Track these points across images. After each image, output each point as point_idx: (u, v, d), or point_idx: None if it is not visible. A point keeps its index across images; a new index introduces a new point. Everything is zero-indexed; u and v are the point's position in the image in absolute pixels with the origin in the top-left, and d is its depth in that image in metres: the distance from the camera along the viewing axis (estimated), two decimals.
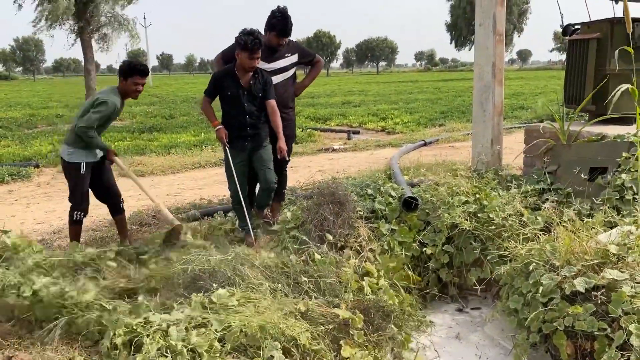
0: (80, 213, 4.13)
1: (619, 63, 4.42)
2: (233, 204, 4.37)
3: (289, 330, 2.66)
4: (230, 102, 4.21)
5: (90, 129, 3.92)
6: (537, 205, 3.98)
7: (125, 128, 13.47)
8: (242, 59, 4.03)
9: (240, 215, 4.31)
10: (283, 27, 4.39)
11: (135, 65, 4.06)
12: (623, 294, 2.65)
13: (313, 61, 4.85)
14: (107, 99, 3.96)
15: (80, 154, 4.04)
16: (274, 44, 4.48)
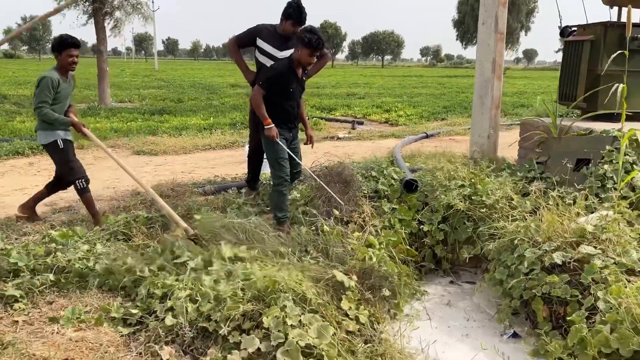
0: (82, 180, 4.39)
1: (610, 64, 4.78)
2: (280, 187, 4.17)
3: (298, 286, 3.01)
4: (288, 96, 4.18)
5: (41, 107, 4.14)
6: (526, 191, 4.36)
7: (136, 109, 13.80)
8: (302, 55, 4.05)
9: (282, 204, 4.19)
10: (298, 16, 4.75)
11: (65, 39, 4.26)
12: (594, 266, 3.04)
13: (321, 53, 5.21)
14: (45, 75, 4.20)
15: (52, 134, 4.28)
16: (288, 32, 4.83)
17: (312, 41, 3.99)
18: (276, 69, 4.19)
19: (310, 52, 4.04)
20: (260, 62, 4.90)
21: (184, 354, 2.72)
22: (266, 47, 4.82)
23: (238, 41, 4.96)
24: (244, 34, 4.95)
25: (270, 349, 2.61)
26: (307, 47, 4.01)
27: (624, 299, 2.62)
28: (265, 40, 4.82)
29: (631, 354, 2.36)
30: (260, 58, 4.88)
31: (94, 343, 2.76)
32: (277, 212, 4.17)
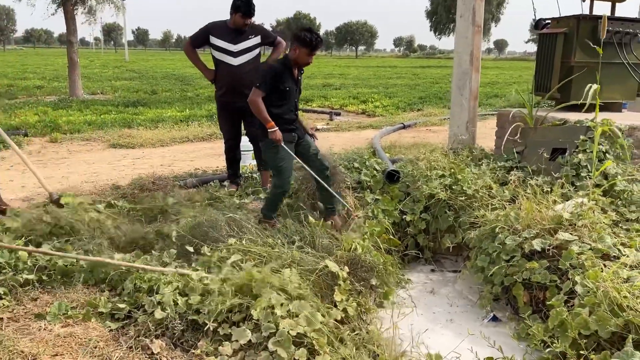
0: None
1: (582, 56, 4.93)
2: (279, 194, 4.09)
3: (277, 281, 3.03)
4: (285, 96, 4.02)
5: None
6: (505, 180, 4.47)
7: (109, 102, 13.58)
8: (300, 55, 3.93)
9: (275, 206, 4.13)
10: (247, 8, 4.83)
11: None
12: (572, 252, 3.16)
13: (275, 42, 5.26)
14: None
15: None
16: (239, 25, 4.91)
17: (312, 40, 3.89)
18: (271, 67, 4.05)
19: (309, 51, 3.93)
20: (217, 59, 5.01)
21: (174, 347, 2.73)
22: (220, 43, 4.93)
23: (193, 42, 5.07)
24: (197, 34, 5.06)
25: (261, 340, 2.64)
26: (306, 46, 3.90)
27: (601, 283, 2.72)
28: (218, 37, 4.93)
29: (609, 335, 2.47)
30: (217, 55, 4.98)
31: (82, 338, 2.74)
32: (266, 210, 4.11)
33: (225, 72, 5.00)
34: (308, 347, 2.65)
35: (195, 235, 3.49)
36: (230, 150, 5.27)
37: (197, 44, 5.06)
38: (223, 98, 5.08)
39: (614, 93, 5.26)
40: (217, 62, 5.01)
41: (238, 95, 4.97)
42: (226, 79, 5.01)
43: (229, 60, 4.97)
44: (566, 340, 2.56)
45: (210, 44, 4.97)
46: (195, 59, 5.08)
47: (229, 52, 4.95)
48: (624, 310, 2.51)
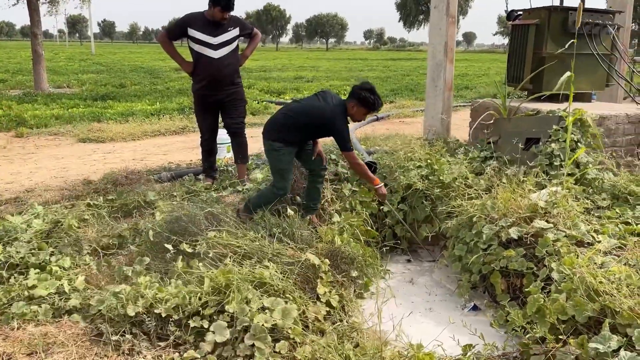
0: None
1: (553, 47, 5.01)
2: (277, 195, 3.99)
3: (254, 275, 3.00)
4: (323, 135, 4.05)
5: None
6: (481, 170, 4.53)
7: (77, 95, 13.23)
8: (357, 113, 3.91)
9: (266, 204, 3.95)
10: (227, 2, 4.72)
11: None
12: (547, 239, 3.22)
13: (251, 34, 5.20)
14: None
15: None
16: (218, 18, 4.82)
17: (374, 103, 3.86)
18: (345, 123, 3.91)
19: (367, 112, 3.93)
20: (196, 52, 4.87)
21: (149, 341, 2.69)
22: (200, 35, 4.81)
23: (169, 34, 4.92)
24: (175, 26, 4.93)
25: (237, 335, 2.62)
26: (367, 107, 3.87)
27: (577, 269, 2.78)
28: (197, 29, 4.80)
29: (586, 320, 2.53)
30: (196, 47, 4.85)
31: (57, 337, 2.68)
32: (254, 205, 4.00)
33: (205, 65, 4.86)
34: (289, 339, 2.64)
35: (173, 230, 3.43)
36: (207, 144, 5.19)
37: (174, 36, 4.90)
38: (202, 91, 4.95)
39: (584, 83, 5.37)
40: (197, 55, 4.86)
41: (218, 89, 4.91)
42: (207, 72, 4.87)
43: (209, 53, 4.83)
44: (545, 326, 2.61)
45: (189, 37, 4.82)
46: (173, 51, 4.91)
47: (209, 45, 4.83)
48: (600, 295, 2.57)
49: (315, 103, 3.91)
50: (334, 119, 3.81)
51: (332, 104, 3.87)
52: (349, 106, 3.88)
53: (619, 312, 2.45)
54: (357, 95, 3.86)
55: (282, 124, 3.93)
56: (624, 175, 4.24)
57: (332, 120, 3.81)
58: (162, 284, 2.96)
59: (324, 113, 3.83)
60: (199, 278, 2.98)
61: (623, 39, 5.88)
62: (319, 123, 3.85)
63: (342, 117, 3.87)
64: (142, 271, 3.15)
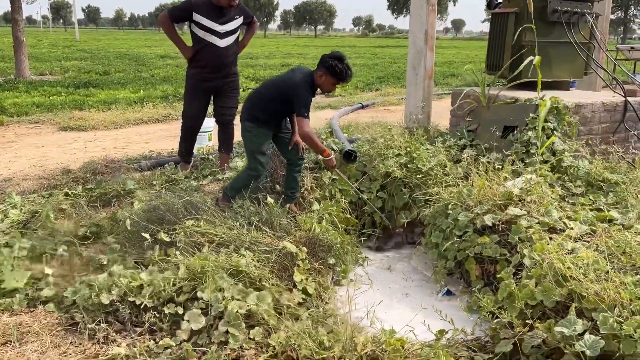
0: None
1: (532, 36, 5.03)
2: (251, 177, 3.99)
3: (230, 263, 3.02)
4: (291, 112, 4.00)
5: None
6: (459, 158, 4.56)
7: (59, 83, 13.05)
8: (325, 83, 3.83)
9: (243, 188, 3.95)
10: None
11: None
12: (520, 226, 3.27)
13: (251, 22, 5.13)
14: None
15: None
16: (224, 4, 4.70)
17: (342, 73, 3.78)
18: (308, 92, 3.83)
19: (336, 82, 3.84)
20: (200, 37, 4.73)
21: (124, 329, 2.70)
22: (206, 22, 4.67)
23: (172, 17, 4.73)
24: (179, 9, 4.74)
25: (211, 321, 2.65)
26: (335, 77, 3.80)
27: (547, 255, 2.84)
28: (203, 14, 4.65)
29: (554, 304, 2.58)
30: (201, 34, 4.72)
31: (31, 326, 2.69)
32: (230, 191, 4.01)
33: (210, 53, 4.76)
34: (263, 325, 2.67)
35: (151, 220, 3.43)
36: (191, 131, 5.10)
37: (177, 19, 4.74)
38: (199, 76, 4.84)
39: (562, 72, 5.41)
40: (201, 41, 4.73)
41: (218, 77, 4.87)
42: (211, 61, 4.79)
43: (214, 41, 4.73)
44: (513, 311, 2.66)
45: (193, 21, 4.68)
46: (174, 34, 4.75)
47: (215, 33, 4.72)
48: (568, 281, 2.62)
49: (283, 76, 3.93)
50: (296, 87, 3.78)
51: (300, 75, 3.85)
52: (317, 76, 3.83)
53: (585, 296, 2.51)
54: (325, 64, 3.79)
55: (253, 102, 3.94)
56: (599, 162, 4.30)
57: (295, 88, 3.78)
58: (136, 272, 2.97)
59: (288, 83, 3.82)
60: (176, 266, 3.00)
61: (602, 27, 5.92)
62: (284, 94, 3.82)
63: (307, 85, 3.81)
64: (116, 259, 3.15)
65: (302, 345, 2.45)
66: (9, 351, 2.45)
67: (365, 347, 2.42)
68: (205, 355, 2.48)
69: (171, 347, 2.54)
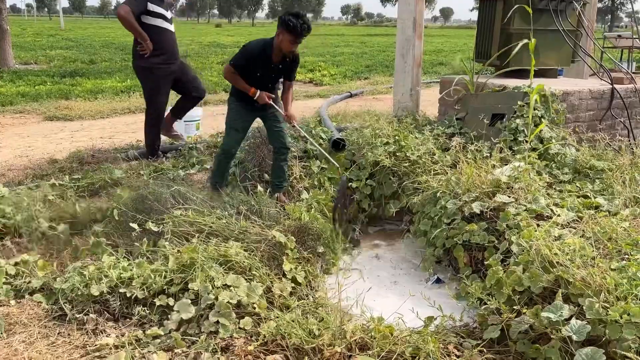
0: None
1: (520, 23, 5.04)
2: (222, 157, 4.08)
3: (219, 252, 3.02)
4: (256, 81, 3.93)
5: None
6: (447, 146, 4.58)
7: (44, 72, 12.86)
8: (283, 41, 3.75)
9: (222, 170, 4.10)
10: None
11: None
12: (508, 213, 3.29)
13: None
14: None
15: None
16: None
17: (297, 27, 3.68)
18: (248, 50, 3.87)
19: (294, 38, 3.74)
20: (157, 26, 4.93)
21: (114, 320, 2.69)
22: (159, 9, 4.91)
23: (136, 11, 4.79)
24: (137, 4, 4.85)
25: (202, 312, 2.64)
26: (290, 32, 3.70)
27: (534, 242, 2.86)
28: (156, 3, 4.89)
29: (541, 290, 2.60)
30: (156, 22, 4.93)
31: (18, 316, 2.67)
32: (212, 176, 4.08)
33: (166, 38, 4.99)
34: (254, 315, 2.67)
35: (138, 209, 3.41)
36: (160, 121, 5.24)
37: (139, 12, 4.82)
38: (163, 64, 5.00)
39: (549, 59, 5.43)
40: (156, 28, 4.90)
41: (175, 60, 5.11)
42: (168, 45, 5.01)
43: (168, 27, 4.99)
44: (501, 297, 2.68)
45: (148, 11, 4.84)
46: (137, 27, 4.82)
47: (166, 19, 4.97)
48: (555, 267, 2.64)
49: None
50: (244, 45, 3.91)
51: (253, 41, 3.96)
52: (276, 37, 3.81)
53: (571, 282, 2.53)
54: (281, 21, 3.75)
55: None
56: (586, 150, 4.33)
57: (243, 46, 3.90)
58: (126, 263, 2.95)
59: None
60: (165, 256, 2.99)
61: (589, 15, 5.94)
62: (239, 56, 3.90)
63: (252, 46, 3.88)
64: (105, 250, 3.13)
65: (292, 334, 2.45)
66: None
67: (354, 335, 2.43)
68: (194, 344, 2.48)
69: (160, 337, 2.54)
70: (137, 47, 4.91)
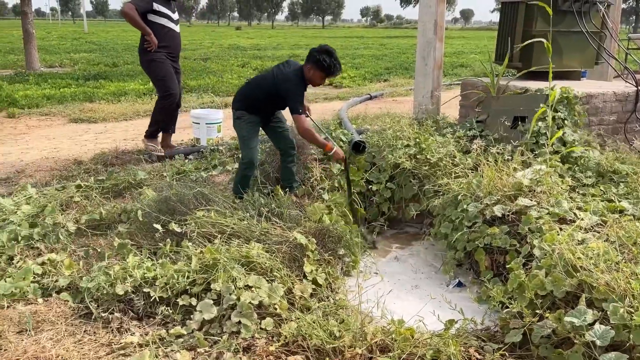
0: None
1: (542, 25, 4.99)
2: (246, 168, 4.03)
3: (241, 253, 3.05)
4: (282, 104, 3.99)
5: None
6: (468, 148, 4.55)
7: (69, 75, 13.11)
8: (314, 77, 3.85)
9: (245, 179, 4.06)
10: None
11: None
12: (530, 217, 3.27)
13: None
14: None
15: None
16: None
17: (331, 67, 3.78)
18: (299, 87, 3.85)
19: (324, 76, 3.85)
20: (161, 24, 5.20)
21: (138, 319, 2.74)
22: (164, 10, 5.19)
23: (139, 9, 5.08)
24: (142, 2, 5.11)
25: (224, 312, 2.68)
26: (323, 71, 3.80)
27: (557, 246, 2.83)
28: (161, 4, 5.16)
29: (564, 295, 2.58)
30: (162, 21, 5.20)
31: (46, 314, 2.73)
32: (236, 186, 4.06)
33: (171, 38, 5.29)
34: (275, 316, 2.70)
35: (162, 210, 3.46)
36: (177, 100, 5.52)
37: (143, 11, 5.12)
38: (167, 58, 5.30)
39: (573, 61, 5.37)
40: (161, 27, 5.20)
41: (176, 59, 5.44)
42: (173, 44, 5.31)
43: (173, 27, 5.28)
44: (523, 301, 2.67)
45: (153, 11, 5.14)
46: (143, 24, 5.14)
47: (172, 19, 5.25)
48: (578, 271, 2.62)
49: (274, 70, 3.94)
50: (286, 82, 3.82)
51: (289, 69, 3.88)
52: (306, 70, 3.85)
53: (595, 287, 2.51)
54: (313, 59, 3.80)
55: (243, 93, 4.02)
56: (610, 153, 4.27)
57: (284, 84, 3.82)
58: (150, 264, 3.00)
59: (276, 78, 3.86)
60: (187, 257, 3.03)
61: (614, 16, 5.85)
62: (276, 89, 3.85)
63: (296, 80, 3.83)
64: (130, 250, 3.19)
65: (312, 335, 2.47)
66: (25, 339, 2.49)
67: (375, 337, 2.44)
68: (216, 344, 2.51)
69: (183, 336, 2.58)
70: (144, 44, 5.21)
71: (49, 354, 2.40)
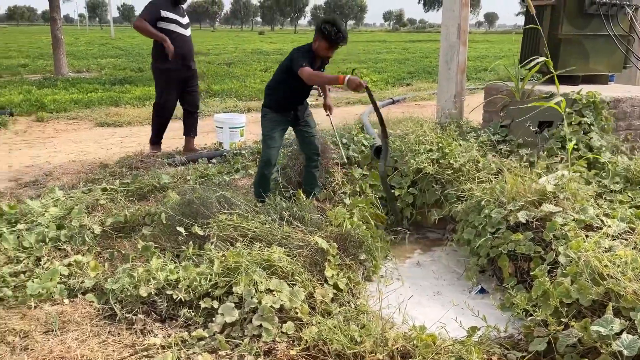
0: None
1: (569, 28, 4.92)
2: (263, 167, 4.06)
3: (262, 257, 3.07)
4: (300, 83, 3.86)
5: None
6: (492, 154, 4.50)
7: (95, 80, 13.38)
8: (320, 47, 3.82)
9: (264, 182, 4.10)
10: None
11: None
12: (555, 223, 3.21)
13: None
14: None
15: None
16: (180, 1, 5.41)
17: (332, 35, 3.74)
18: (305, 51, 3.86)
19: (329, 45, 3.80)
20: (171, 30, 5.33)
21: (160, 321, 2.77)
22: (172, 15, 5.33)
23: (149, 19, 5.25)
24: (149, 13, 5.28)
25: (245, 315, 2.69)
26: (326, 40, 3.77)
27: (583, 253, 2.78)
28: (168, 10, 5.30)
29: (590, 303, 2.53)
30: (171, 27, 5.33)
31: (71, 315, 2.78)
32: (256, 187, 4.13)
33: (180, 43, 5.38)
34: (296, 320, 2.70)
35: (185, 214, 3.50)
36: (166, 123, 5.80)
37: (153, 21, 5.26)
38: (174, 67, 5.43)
39: (600, 65, 5.28)
40: (170, 33, 5.31)
41: (187, 65, 5.55)
42: (182, 49, 5.40)
43: (182, 32, 5.40)
44: (548, 309, 2.62)
45: (162, 18, 5.27)
46: (155, 32, 5.27)
47: (180, 24, 5.37)
48: (605, 279, 2.57)
49: None
50: (292, 52, 3.90)
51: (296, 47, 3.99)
52: (314, 43, 3.89)
53: (622, 295, 2.45)
54: (317, 28, 3.84)
55: (270, 88, 4.09)
56: (638, 159, 4.18)
57: (292, 53, 3.90)
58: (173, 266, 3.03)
59: (287, 56, 3.95)
60: (210, 260, 3.06)
61: None
62: (285, 65, 3.92)
63: (303, 50, 3.88)
64: (154, 252, 3.23)
65: (333, 340, 2.46)
66: (51, 339, 2.54)
67: (396, 343, 2.42)
68: (238, 347, 2.52)
69: (205, 339, 2.60)
70: (157, 50, 5.35)
71: (74, 354, 2.45)
